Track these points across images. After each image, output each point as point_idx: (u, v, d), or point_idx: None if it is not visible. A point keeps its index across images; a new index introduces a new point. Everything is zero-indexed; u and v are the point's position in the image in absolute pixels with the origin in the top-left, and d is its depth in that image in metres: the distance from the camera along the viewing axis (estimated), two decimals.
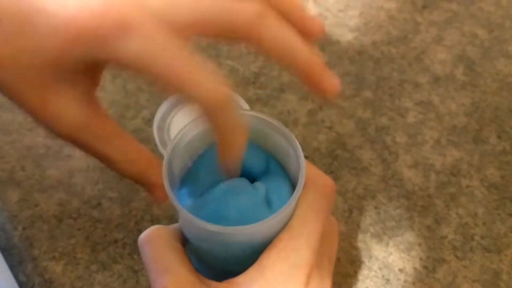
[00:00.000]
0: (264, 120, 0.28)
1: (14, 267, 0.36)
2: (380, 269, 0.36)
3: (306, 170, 0.26)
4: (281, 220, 0.25)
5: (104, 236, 0.37)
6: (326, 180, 0.28)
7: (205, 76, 0.22)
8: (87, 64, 0.23)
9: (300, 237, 0.26)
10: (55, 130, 0.24)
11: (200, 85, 0.22)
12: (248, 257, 0.26)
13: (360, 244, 0.37)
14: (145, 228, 0.38)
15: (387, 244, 0.37)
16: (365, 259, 0.37)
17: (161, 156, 0.28)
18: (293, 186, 0.28)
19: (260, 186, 0.27)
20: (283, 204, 0.25)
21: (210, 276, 0.27)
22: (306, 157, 0.41)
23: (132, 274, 0.36)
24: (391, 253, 0.37)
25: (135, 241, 0.37)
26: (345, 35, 0.49)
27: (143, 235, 0.28)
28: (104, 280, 0.36)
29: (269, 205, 0.27)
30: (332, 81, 0.25)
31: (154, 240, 0.27)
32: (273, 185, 0.28)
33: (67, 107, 0.23)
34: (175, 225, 0.29)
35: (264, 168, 0.29)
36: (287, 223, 0.26)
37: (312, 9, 0.51)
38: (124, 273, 0.36)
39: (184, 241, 0.29)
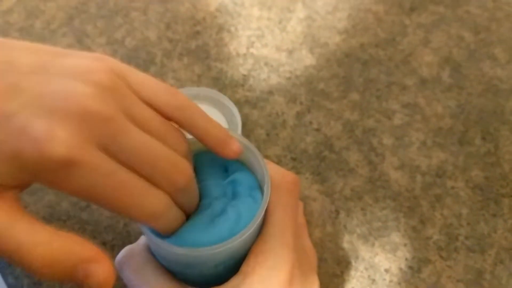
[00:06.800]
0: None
1: (4, 269, 0.36)
2: (366, 269, 0.37)
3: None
4: (246, 237, 0.25)
5: (93, 238, 0.38)
6: (287, 176, 0.28)
7: (146, 199, 0.22)
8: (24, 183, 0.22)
9: (273, 238, 0.26)
10: None
11: (144, 208, 0.22)
12: (227, 270, 0.26)
13: (347, 245, 0.38)
14: (134, 230, 0.38)
15: (373, 244, 0.38)
16: (351, 259, 0.37)
17: None
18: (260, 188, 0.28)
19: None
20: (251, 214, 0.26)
21: None
22: (293, 159, 0.42)
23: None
24: (377, 254, 0.37)
25: (124, 243, 0.37)
26: (333, 37, 0.50)
27: (118, 258, 0.28)
28: None
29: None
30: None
31: (131, 260, 0.27)
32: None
33: None
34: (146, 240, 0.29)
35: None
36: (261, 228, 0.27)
37: (300, 12, 0.51)
38: None
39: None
